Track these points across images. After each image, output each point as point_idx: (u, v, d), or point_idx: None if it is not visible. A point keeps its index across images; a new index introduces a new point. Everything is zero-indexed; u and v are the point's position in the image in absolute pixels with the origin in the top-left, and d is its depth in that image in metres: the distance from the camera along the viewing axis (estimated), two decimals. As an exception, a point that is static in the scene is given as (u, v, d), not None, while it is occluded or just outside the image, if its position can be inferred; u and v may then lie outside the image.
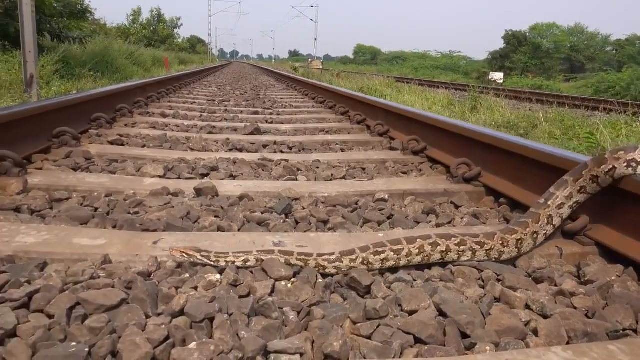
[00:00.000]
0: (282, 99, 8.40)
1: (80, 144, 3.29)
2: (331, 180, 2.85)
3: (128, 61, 19.31)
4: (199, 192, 2.39)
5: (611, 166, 1.77)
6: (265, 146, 3.75)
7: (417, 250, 1.62)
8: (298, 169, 3.00)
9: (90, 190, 2.34)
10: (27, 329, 1.18)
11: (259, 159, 3.21)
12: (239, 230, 1.98)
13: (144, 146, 3.53)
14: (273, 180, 2.79)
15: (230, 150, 3.61)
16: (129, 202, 2.18)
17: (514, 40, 56.78)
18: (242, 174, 2.87)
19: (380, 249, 1.59)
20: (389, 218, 2.21)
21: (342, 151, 3.81)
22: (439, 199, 2.52)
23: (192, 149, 3.52)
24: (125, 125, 4.43)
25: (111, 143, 3.52)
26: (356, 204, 2.39)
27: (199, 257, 1.55)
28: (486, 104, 11.36)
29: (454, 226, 2.14)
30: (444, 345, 1.23)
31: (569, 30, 63.96)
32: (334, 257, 1.57)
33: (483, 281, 1.57)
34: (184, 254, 1.55)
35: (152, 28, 51.33)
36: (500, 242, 1.70)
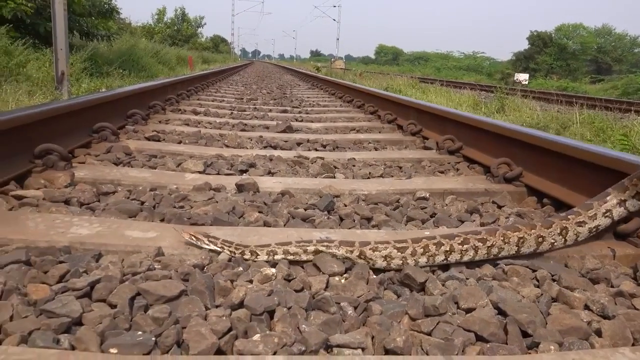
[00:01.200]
0: (308, 97, 8.41)
1: (118, 139, 3.34)
2: (369, 178, 2.84)
3: (153, 60, 19.60)
4: (240, 187, 2.41)
5: None
6: (299, 144, 3.76)
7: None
8: (335, 167, 3.00)
9: (134, 185, 2.37)
10: (92, 317, 1.20)
11: (294, 157, 3.22)
12: (284, 225, 1.98)
13: (180, 142, 3.57)
14: (311, 177, 2.79)
15: (265, 147, 3.63)
16: (173, 196, 2.21)
17: (538, 41, 55.99)
18: (280, 171, 2.88)
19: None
20: (431, 216, 2.19)
21: (376, 150, 3.80)
22: (480, 199, 2.50)
23: (227, 146, 3.54)
24: (159, 121, 4.48)
25: (148, 139, 3.56)
26: (397, 202, 2.38)
27: (207, 241, 1.60)
28: (513, 105, 11.23)
29: (499, 225, 2.12)
30: (506, 344, 1.21)
31: (595, 31, 62.84)
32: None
33: (538, 280, 1.55)
34: (192, 237, 1.61)
35: (176, 27, 51.88)
36: None
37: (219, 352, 1.13)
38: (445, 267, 1.63)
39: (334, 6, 69.79)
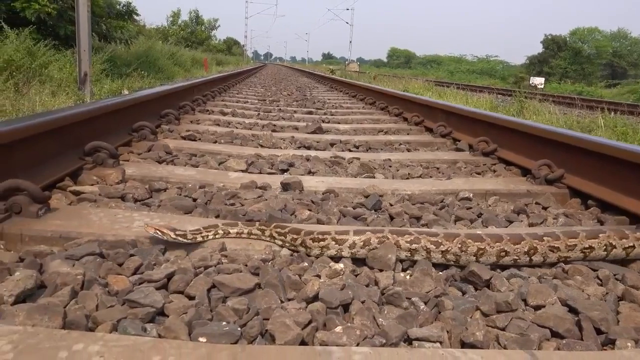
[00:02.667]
0: (329, 99, 8.44)
1: (157, 138, 3.39)
2: (408, 178, 2.86)
3: (169, 61, 19.78)
4: (285, 186, 2.43)
5: None
6: (332, 144, 3.79)
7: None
8: (373, 167, 3.02)
9: (182, 182, 2.41)
10: (175, 307, 1.23)
11: (331, 157, 3.25)
12: (337, 223, 2.01)
13: (215, 142, 3.61)
14: (351, 177, 2.82)
15: (299, 147, 3.66)
16: (224, 193, 2.24)
17: (553, 45, 55.67)
18: (319, 170, 2.91)
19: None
20: (478, 216, 2.21)
21: (409, 151, 3.81)
22: (522, 200, 2.50)
23: (262, 146, 3.58)
24: (190, 121, 4.53)
25: (184, 138, 3.61)
26: (441, 201, 2.40)
27: (173, 235, 1.56)
28: (532, 109, 11.17)
29: (548, 226, 2.13)
30: (581, 340, 1.23)
31: (611, 35, 62.35)
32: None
33: (600, 280, 1.56)
34: (157, 231, 1.55)
35: (189, 30, 52.21)
36: None
37: (302, 343, 1.16)
38: (503, 265, 1.64)
39: (347, 9, 69.93)
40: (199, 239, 1.63)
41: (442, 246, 1.58)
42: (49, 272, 1.35)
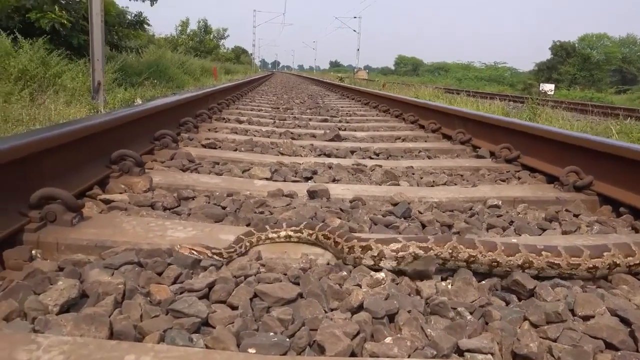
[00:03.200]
0: (342, 107, 8.44)
1: (178, 146, 3.39)
2: (433, 186, 2.84)
3: (179, 70, 19.92)
4: (312, 194, 2.42)
5: None
6: (352, 152, 3.77)
7: None
8: (396, 175, 3.00)
9: (209, 190, 2.40)
10: (220, 318, 1.22)
11: (353, 164, 3.23)
12: (369, 231, 1.99)
13: (235, 149, 3.61)
14: (376, 184, 2.80)
15: (319, 155, 3.64)
16: (252, 201, 2.23)
17: (561, 51, 55.45)
18: (342, 178, 2.89)
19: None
20: (510, 224, 2.18)
21: (429, 158, 3.79)
22: (552, 207, 2.47)
23: (282, 153, 3.57)
24: (208, 129, 4.54)
25: (204, 146, 3.61)
26: (470, 209, 2.37)
27: (209, 254, 1.52)
28: (545, 115, 11.11)
29: (582, 234, 2.09)
30: (637, 352, 1.19)
31: (620, 41, 62.07)
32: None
33: (646, 289, 1.53)
34: (193, 251, 1.50)
35: (198, 39, 52.57)
36: None
37: (352, 354, 1.13)
38: (544, 276, 1.61)
39: (355, 17, 70.18)
40: (234, 256, 1.59)
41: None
42: (89, 281, 1.34)
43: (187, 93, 5.63)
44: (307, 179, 2.83)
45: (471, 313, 1.33)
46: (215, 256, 1.53)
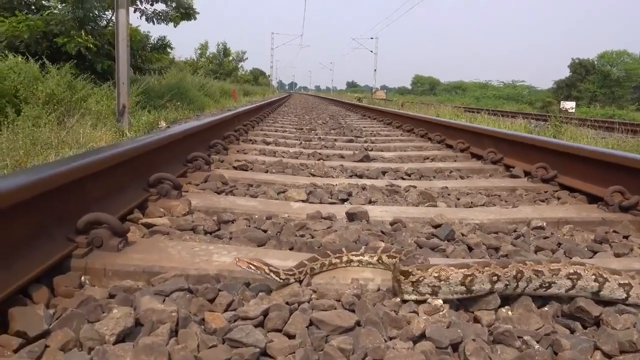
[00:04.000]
0: (365, 127, 8.42)
1: (210, 169, 3.39)
2: (471, 207, 2.78)
3: (200, 93, 20.22)
4: (351, 216, 2.38)
5: None
6: (384, 172, 3.73)
7: None
8: (433, 195, 2.95)
9: (247, 213, 2.38)
10: (279, 348, 1.18)
11: (387, 185, 3.19)
12: (415, 255, 1.93)
13: (267, 171, 3.60)
14: (413, 206, 2.75)
15: (351, 176, 3.61)
16: (293, 224, 2.20)
17: (581, 68, 55.08)
18: (378, 200, 2.85)
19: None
20: (558, 246, 2.11)
21: (462, 178, 3.73)
22: (598, 228, 2.39)
23: (313, 175, 3.55)
24: (237, 151, 4.55)
25: (236, 168, 3.61)
26: (515, 231, 2.31)
27: (267, 270, 1.48)
28: (569, 133, 10.96)
29: (635, 256, 2.02)
30: None
31: (640, 57, 61.33)
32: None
33: None
34: (250, 266, 1.47)
35: (217, 61, 53.41)
36: None
37: (419, 387, 1.08)
38: (606, 301, 1.54)
39: (372, 38, 70.68)
40: (292, 280, 1.55)
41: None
42: (142, 309, 1.31)
43: (214, 115, 5.68)
44: (343, 200, 2.80)
45: (538, 342, 1.27)
46: (272, 274, 1.49)
